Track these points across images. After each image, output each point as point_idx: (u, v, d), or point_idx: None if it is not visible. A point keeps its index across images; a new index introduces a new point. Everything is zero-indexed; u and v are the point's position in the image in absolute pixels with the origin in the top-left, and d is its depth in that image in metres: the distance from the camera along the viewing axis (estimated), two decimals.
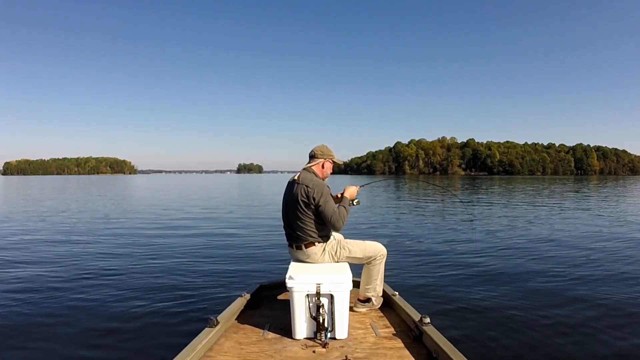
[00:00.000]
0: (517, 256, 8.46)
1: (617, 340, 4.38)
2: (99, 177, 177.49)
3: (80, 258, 8.24)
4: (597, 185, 51.09)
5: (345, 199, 4.10)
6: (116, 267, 7.42)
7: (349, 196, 4.15)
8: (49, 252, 8.87)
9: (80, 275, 6.90)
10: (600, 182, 68.76)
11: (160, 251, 9.05)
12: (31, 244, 9.90)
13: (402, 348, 3.33)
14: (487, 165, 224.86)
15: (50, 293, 5.93)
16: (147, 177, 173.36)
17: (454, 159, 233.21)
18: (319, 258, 3.90)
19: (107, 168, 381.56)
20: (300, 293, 3.43)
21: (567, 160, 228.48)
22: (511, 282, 6.49)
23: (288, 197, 4.01)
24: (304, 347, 3.34)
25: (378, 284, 4.13)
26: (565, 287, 6.23)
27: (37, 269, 7.32)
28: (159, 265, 7.64)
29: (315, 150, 4.15)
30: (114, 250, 9.05)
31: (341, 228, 3.87)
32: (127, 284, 6.33)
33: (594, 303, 5.51)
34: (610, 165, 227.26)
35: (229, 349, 3.32)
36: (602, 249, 9.15)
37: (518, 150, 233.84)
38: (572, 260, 8.00)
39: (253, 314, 4.07)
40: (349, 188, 4.22)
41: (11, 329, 4.62)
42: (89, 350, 4.10)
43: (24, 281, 6.54)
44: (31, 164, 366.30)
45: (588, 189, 42.19)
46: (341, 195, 4.20)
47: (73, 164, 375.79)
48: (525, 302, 5.53)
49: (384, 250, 4.10)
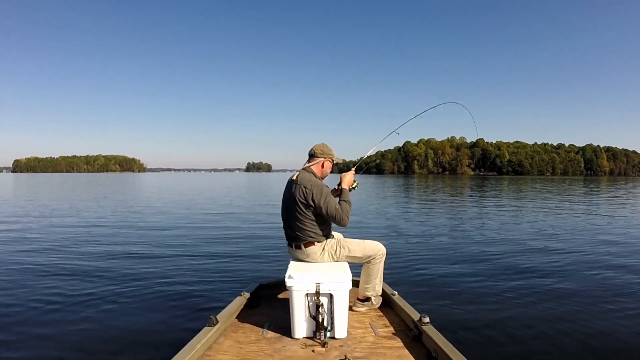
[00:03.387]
0: (518, 256, 8.45)
1: (618, 339, 4.37)
2: (108, 175, 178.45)
3: (79, 257, 8.23)
4: (607, 186, 50.73)
5: (344, 191, 4.09)
6: (115, 265, 7.44)
7: (347, 185, 4.15)
8: (48, 253, 8.81)
9: (80, 273, 6.92)
10: (610, 182, 68.24)
11: (159, 249, 9.09)
12: (30, 245, 9.86)
13: (402, 347, 3.32)
14: (497, 165, 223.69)
15: (50, 291, 5.96)
16: (155, 175, 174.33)
17: (463, 159, 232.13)
18: (318, 257, 3.89)
19: (117, 166, 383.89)
20: (300, 292, 3.42)
21: (576, 160, 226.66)
22: (512, 282, 6.48)
23: (287, 197, 4.00)
24: (303, 346, 3.34)
25: (377, 284, 4.12)
26: (566, 288, 6.21)
27: (36, 270, 7.29)
28: (158, 263, 7.67)
29: (315, 149, 4.10)
30: (113, 249, 9.07)
31: (347, 224, 3.85)
32: (126, 282, 6.35)
33: (595, 303, 5.49)
34: (620, 165, 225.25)
35: (228, 348, 3.32)
36: (605, 250, 9.07)
37: (527, 150, 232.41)
38: (574, 261, 7.97)
39: (252, 313, 4.07)
40: (345, 176, 4.22)
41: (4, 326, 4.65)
42: (88, 350, 4.11)
43: (23, 281, 6.51)
44: (40, 161, 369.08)
45: (597, 189, 41.91)
46: (339, 186, 4.19)
47: (82, 161, 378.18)
48: (526, 302, 5.53)
49: (384, 250, 4.09)
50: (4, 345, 4.24)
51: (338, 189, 4.21)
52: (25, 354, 4.07)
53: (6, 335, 4.45)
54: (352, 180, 4.24)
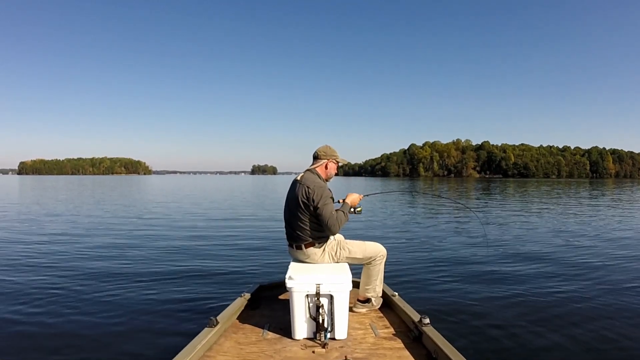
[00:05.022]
0: (518, 257, 8.44)
1: (619, 338, 4.37)
2: (114, 178, 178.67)
3: (79, 258, 8.24)
4: (613, 189, 50.45)
5: (345, 204, 4.08)
6: (116, 267, 7.44)
7: (351, 203, 4.12)
8: (46, 253, 8.82)
9: (80, 275, 6.91)
10: (616, 185, 67.87)
11: (160, 250, 9.11)
12: (30, 244, 9.90)
13: (402, 348, 3.31)
14: (502, 167, 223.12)
15: (50, 290, 5.98)
16: (161, 178, 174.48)
17: (469, 162, 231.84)
18: (318, 258, 3.90)
19: (122, 168, 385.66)
20: (300, 293, 3.43)
21: (582, 163, 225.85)
22: (511, 283, 6.48)
23: (290, 197, 4.01)
24: (304, 347, 3.34)
25: (378, 285, 4.12)
26: (566, 288, 6.21)
27: (35, 269, 7.31)
28: (158, 264, 7.67)
29: (319, 150, 4.13)
30: (113, 251, 9.05)
31: (337, 232, 3.85)
32: (127, 284, 6.35)
33: (595, 303, 5.51)
34: (625, 168, 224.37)
35: (228, 349, 3.33)
36: (609, 253, 9.00)
37: (533, 152, 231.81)
38: (574, 262, 7.96)
39: (253, 314, 4.08)
40: (352, 195, 4.18)
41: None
42: (88, 349, 4.12)
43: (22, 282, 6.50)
44: (46, 164, 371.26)
45: (606, 192, 41.65)
46: (343, 200, 4.17)
47: (88, 164, 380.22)
48: (525, 303, 5.52)
49: (384, 251, 4.10)
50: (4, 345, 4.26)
51: (341, 202, 4.18)
52: (25, 353, 4.07)
53: (6, 335, 4.46)
54: (357, 202, 4.19)
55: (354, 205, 4.16)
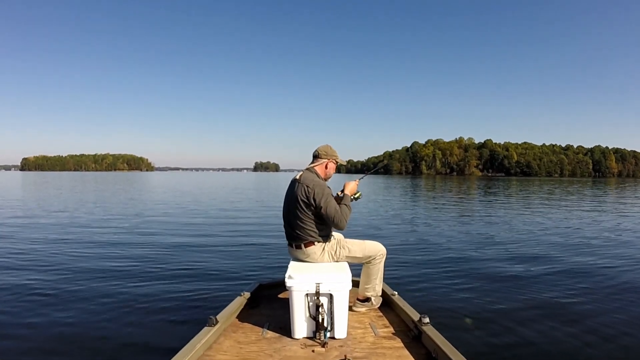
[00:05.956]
0: (518, 257, 8.42)
1: (621, 341, 4.36)
2: (116, 174, 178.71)
3: (79, 257, 8.19)
4: (617, 188, 50.35)
5: (346, 196, 4.08)
6: (115, 266, 7.43)
7: (350, 192, 4.14)
8: (45, 251, 8.77)
9: (80, 273, 6.90)
10: (619, 184, 67.74)
11: (159, 248, 9.09)
12: (29, 245, 9.74)
13: (402, 348, 3.31)
14: (505, 166, 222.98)
15: (50, 291, 5.94)
16: (163, 174, 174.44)
17: (471, 160, 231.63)
18: (318, 257, 3.89)
19: (124, 165, 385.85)
20: (300, 292, 3.42)
21: (585, 162, 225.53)
22: (511, 282, 6.48)
23: (289, 196, 4.00)
24: (303, 346, 3.34)
25: (377, 284, 4.12)
26: (567, 288, 6.20)
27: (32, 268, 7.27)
28: (158, 263, 7.65)
29: (319, 150, 4.12)
30: (113, 249, 9.01)
31: (345, 227, 3.85)
32: (126, 282, 6.35)
33: (596, 303, 5.51)
34: (628, 167, 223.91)
35: (228, 348, 3.32)
36: (613, 253, 8.98)
37: (536, 151, 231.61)
38: (575, 262, 7.96)
39: (252, 313, 4.08)
40: (349, 184, 4.20)
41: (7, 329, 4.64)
42: (88, 349, 4.12)
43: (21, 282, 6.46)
44: (49, 160, 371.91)
45: (605, 191, 41.59)
46: (342, 192, 4.18)
47: (90, 160, 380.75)
48: (525, 302, 5.53)
49: (384, 250, 4.09)
50: (3, 345, 4.26)
51: (340, 195, 4.19)
52: (25, 354, 4.07)
53: (5, 335, 4.46)
54: (355, 189, 4.22)
55: (353, 193, 4.19)
